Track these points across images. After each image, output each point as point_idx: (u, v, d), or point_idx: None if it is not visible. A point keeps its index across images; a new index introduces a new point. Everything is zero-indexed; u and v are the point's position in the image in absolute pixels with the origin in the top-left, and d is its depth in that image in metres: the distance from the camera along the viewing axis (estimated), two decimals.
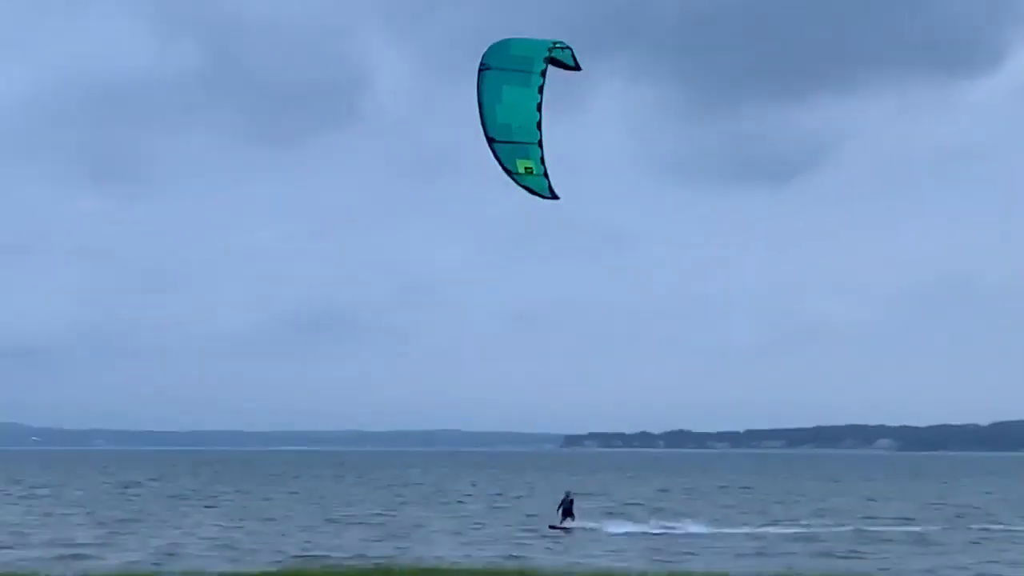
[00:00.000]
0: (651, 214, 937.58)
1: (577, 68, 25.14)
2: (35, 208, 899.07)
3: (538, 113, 24.34)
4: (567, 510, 76.48)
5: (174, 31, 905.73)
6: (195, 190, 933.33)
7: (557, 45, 24.78)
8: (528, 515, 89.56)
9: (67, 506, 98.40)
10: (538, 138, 24.39)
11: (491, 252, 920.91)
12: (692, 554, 60.87)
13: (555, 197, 24.88)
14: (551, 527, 75.56)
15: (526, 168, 24.42)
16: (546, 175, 24.61)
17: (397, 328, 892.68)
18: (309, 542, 66.22)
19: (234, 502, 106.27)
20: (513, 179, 24.49)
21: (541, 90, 24.30)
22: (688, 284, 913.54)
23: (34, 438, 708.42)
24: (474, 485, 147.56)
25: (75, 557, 57.17)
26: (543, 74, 24.30)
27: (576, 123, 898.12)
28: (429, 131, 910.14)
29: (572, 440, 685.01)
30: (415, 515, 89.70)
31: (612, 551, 62.77)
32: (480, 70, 24.45)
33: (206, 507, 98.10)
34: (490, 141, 24.31)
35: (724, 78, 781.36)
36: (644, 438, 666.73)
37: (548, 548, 64.71)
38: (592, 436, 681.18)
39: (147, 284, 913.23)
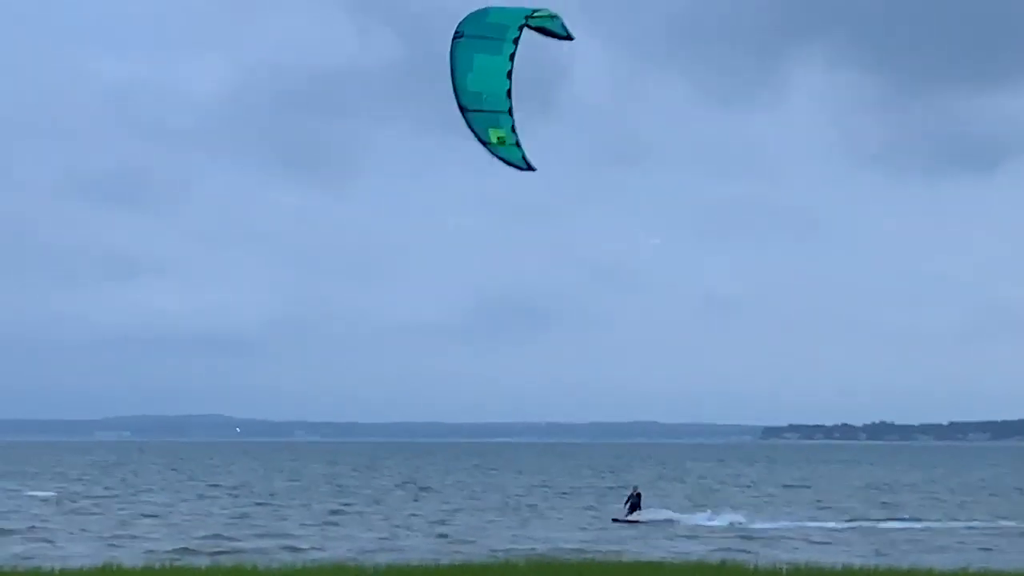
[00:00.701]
0: (851, 201, 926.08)
1: (569, 38, 24.54)
2: (237, 201, 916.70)
3: (508, 81, 23.67)
4: (634, 504, 76.70)
5: (373, 23, 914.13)
6: (393, 181, 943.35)
7: (537, 13, 24.09)
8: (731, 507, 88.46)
9: (279, 497, 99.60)
10: (508, 106, 23.73)
11: (687, 239, 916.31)
12: (915, 548, 59.53)
13: (531, 168, 24.23)
14: (614, 520, 75.63)
15: (498, 138, 23.80)
16: (518, 144, 23.97)
17: (593, 317, 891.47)
18: (518, 534, 66.14)
19: (443, 493, 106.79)
20: (488, 150, 23.90)
21: (512, 57, 23.67)
22: (890, 272, 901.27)
23: (237, 429, 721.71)
24: (683, 482, 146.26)
25: (290, 548, 57.62)
26: (516, 41, 23.68)
27: (775, 110, 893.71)
28: (625, 119, 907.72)
29: (771, 432, 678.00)
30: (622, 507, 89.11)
31: (825, 544, 61.69)
32: (454, 38, 23.98)
33: (415, 499, 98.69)
34: (462, 110, 23.80)
35: (926, 63, 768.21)
36: (845, 430, 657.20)
37: (747, 539, 63.92)
38: (792, 428, 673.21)
39: (346, 275, 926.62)
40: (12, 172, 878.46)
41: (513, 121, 23.84)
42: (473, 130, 23.84)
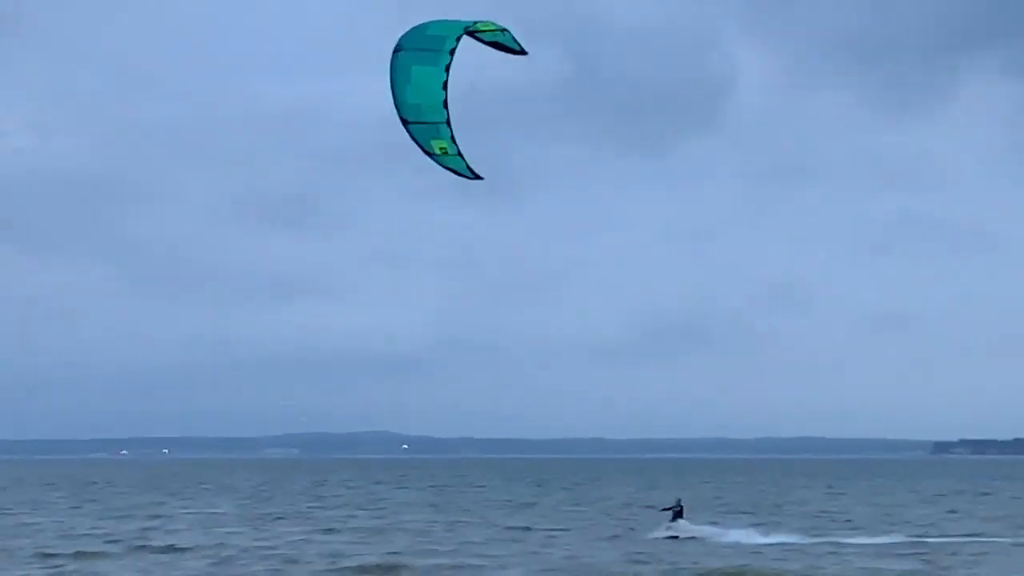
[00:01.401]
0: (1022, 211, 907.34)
1: (523, 52, 24.57)
2: (404, 221, 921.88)
3: (444, 92, 23.73)
4: (677, 514, 74.92)
5: (537, 40, 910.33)
6: (558, 199, 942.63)
7: (481, 26, 24.07)
8: (911, 522, 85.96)
9: (459, 514, 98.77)
10: (446, 117, 23.76)
11: (854, 255, 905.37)
12: None
13: (478, 177, 24.41)
14: (655, 538, 73.12)
15: (441, 148, 23.93)
16: (460, 155, 24.10)
17: (759, 333, 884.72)
18: (696, 549, 64.78)
19: (618, 508, 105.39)
20: (434, 160, 24.05)
21: (448, 69, 23.73)
22: None
23: (404, 446, 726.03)
24: (848, 495, 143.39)
25: (470, 567, 56.92)
26: (451, 52, 23.74)
27: (944, 121, 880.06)
28: (791, 135, 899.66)
29: (941, 447, 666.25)
30: (803, 525, 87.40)
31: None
32: (394, 52, 24.08)
33: (590, 515, 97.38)
34: (404, 123, 23.95)
35: None
36: (1019, 445, 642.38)
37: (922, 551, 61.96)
38: (963, 443, 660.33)
39: (512, 294, 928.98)
40: (186, 196, 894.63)
41: (452, 131, 23.96)
42: (417, 142, 24.04)
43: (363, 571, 55.56)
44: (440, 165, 24.18)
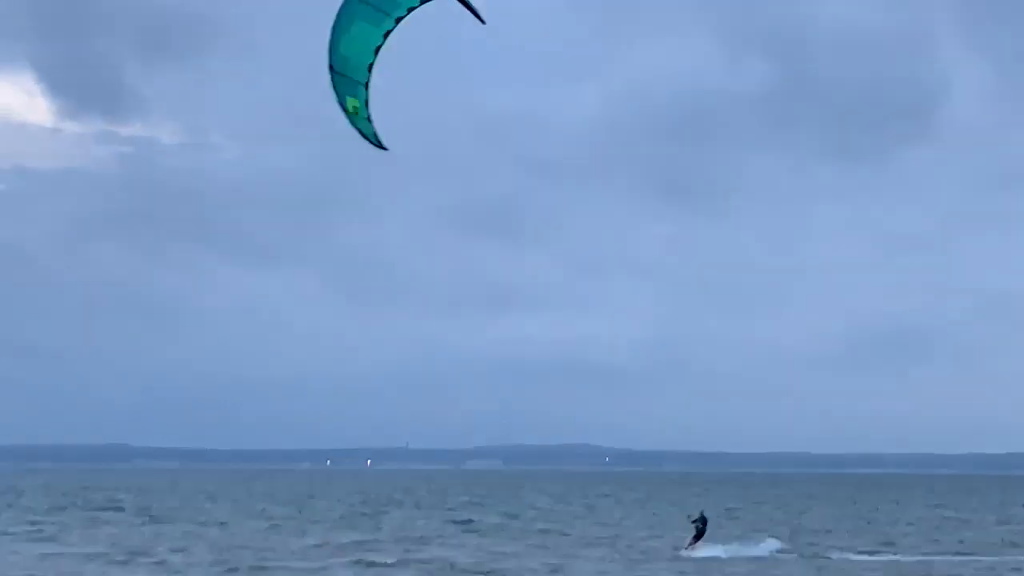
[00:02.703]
0: None
1: (479, 19, 23.78)
2: (610, 229, 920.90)
3: (374, 56, 23.57)
4: (699, 533, 70.94)
5: (744, 48, 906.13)
6: (768, 209, 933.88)
7: None
8: None
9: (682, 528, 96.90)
10: (367, 79, 23.72)
11: None
12: None
13: (382, 147, 24.19)
14: (681, 549, 70.34)
15: (354, 107, 23.79)
16: (370, 120, 23.96)
17: (975, 347, 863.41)
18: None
19: (832, 527, 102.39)
20: (347, 118, 23.87)
21: (387, 35, 23.46)
22: None
23: (606, 459, 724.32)
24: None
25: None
26: (399, 20, 23.44)
27: None
28: (1008, 144, 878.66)
29: None
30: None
31: None
32: None
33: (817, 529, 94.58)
34: (330, 69, 23.78)
35: None
36: None
37: None
38: None
39: (720, 304, 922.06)
40: (398, 204, 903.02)
41: (368, 95, 23.85)
42: (335, 93, 23.85)
43: None
44: (351, 124, 23.93)
